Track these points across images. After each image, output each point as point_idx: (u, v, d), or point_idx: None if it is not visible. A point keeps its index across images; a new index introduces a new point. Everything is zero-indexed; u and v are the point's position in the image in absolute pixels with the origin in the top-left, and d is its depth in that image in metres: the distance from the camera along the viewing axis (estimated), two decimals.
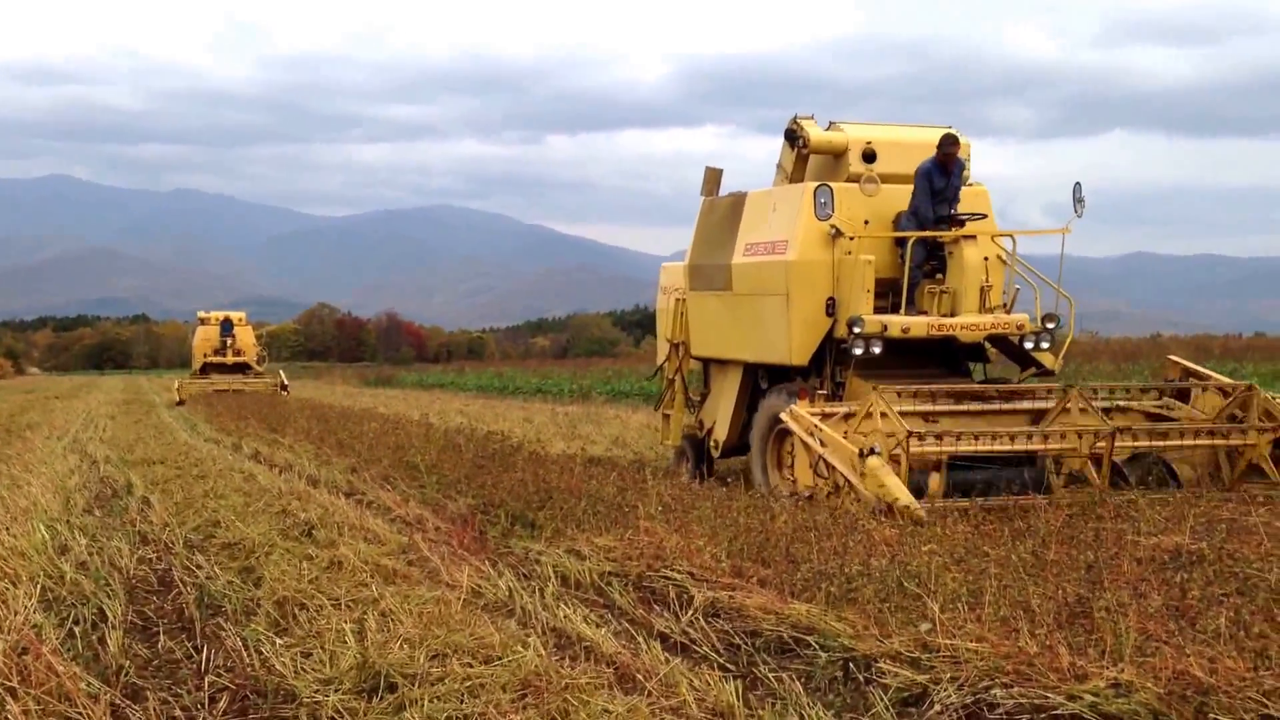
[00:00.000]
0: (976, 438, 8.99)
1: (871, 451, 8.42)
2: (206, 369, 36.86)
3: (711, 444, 12.25)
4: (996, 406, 10.09)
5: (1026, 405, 10.17)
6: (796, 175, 11.38)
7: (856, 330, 10.04)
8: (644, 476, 10.39)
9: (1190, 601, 5.31)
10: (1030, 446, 9.27)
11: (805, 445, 9.30)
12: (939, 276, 10.78)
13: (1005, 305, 10.79)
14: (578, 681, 4.87)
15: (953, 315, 10.46)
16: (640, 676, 5.13)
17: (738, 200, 11.82)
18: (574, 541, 7.90)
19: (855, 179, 10.87)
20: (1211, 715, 4.04)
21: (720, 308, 11.85)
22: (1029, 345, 10.63)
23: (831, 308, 10.50)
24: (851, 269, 10.38)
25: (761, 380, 11.61)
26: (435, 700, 4.74)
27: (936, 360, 11.36)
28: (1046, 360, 10.93)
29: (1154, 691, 4.20)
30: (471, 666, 5.11)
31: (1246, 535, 6.84)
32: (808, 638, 5.61)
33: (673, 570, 6.94)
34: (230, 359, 37.12)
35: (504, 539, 8.59)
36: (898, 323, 10.20)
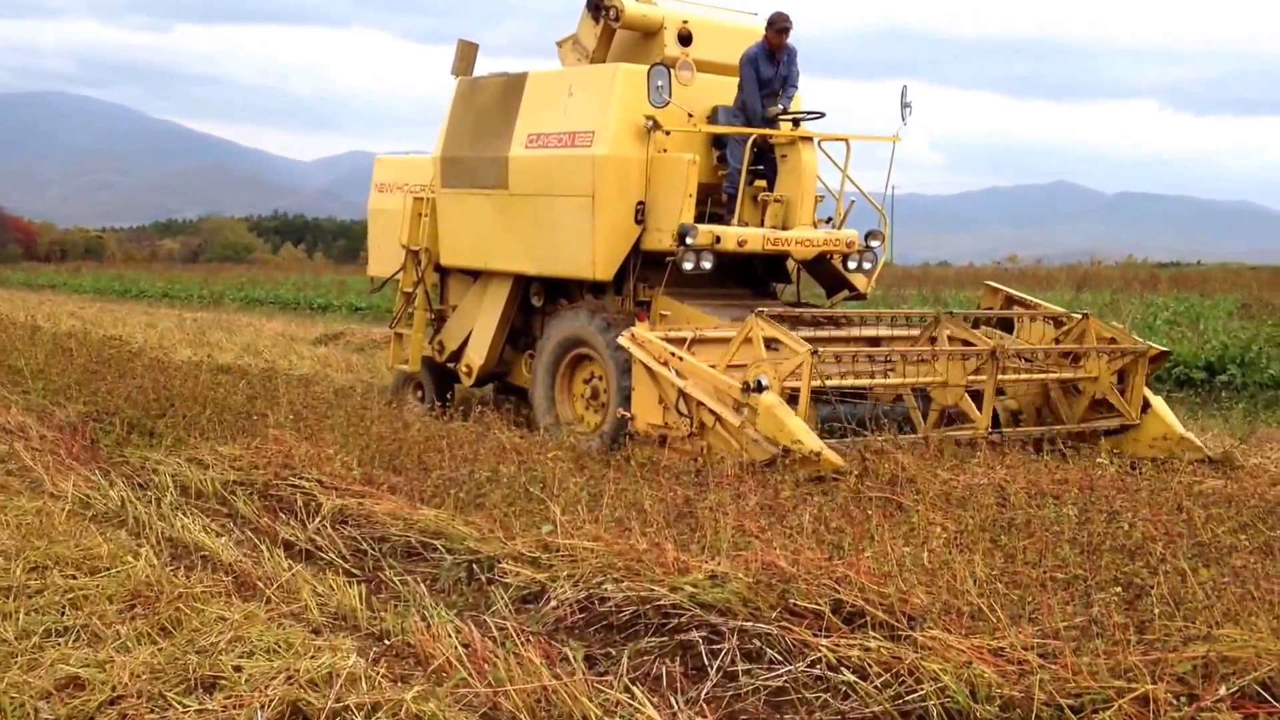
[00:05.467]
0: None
1: (759, 385, 7.07)
2: None
3: (463, 369, 10.49)
4: (848, 333, 8.85)
5: (868, 333, 9.00)
6: (600, 54, 9.82)
7: (689, 241, 8.66)
8: (275, 385, 10.09)
9: (782, 500, 5.88)
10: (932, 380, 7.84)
11: (653, 376, 7.82)
12: (759, 183, 9.51)
13: (832, 220, 9.69)
14: (193, 590, 4.77)
15: (784, 228, 9.18)
16: (261, 584, 5.09)
17: (514, 82, 9.98)
18: (196, 450, 7.62)
19: (670, 63, 9.14)
20: (792, 600, 4.52)
21: (488, 209, 10.01)
22: (851, 266, 9.59)
23: (640, 214, 9.04)
24: (669, 169, 8.92)
25: (534, 297, 10.11)
26: (33, 613, 4.51)
27: (738, 278, 10.11)
28: (860, 283, 9.82)
29: (745, 581, 4.64)
30: (75, 578, 4.90)
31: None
32: (435, 542, 5.75)
33: (301, 478, 6.86)
34: None
35: (118, 448, 8.14)
36: (733, 235, 8.84)
